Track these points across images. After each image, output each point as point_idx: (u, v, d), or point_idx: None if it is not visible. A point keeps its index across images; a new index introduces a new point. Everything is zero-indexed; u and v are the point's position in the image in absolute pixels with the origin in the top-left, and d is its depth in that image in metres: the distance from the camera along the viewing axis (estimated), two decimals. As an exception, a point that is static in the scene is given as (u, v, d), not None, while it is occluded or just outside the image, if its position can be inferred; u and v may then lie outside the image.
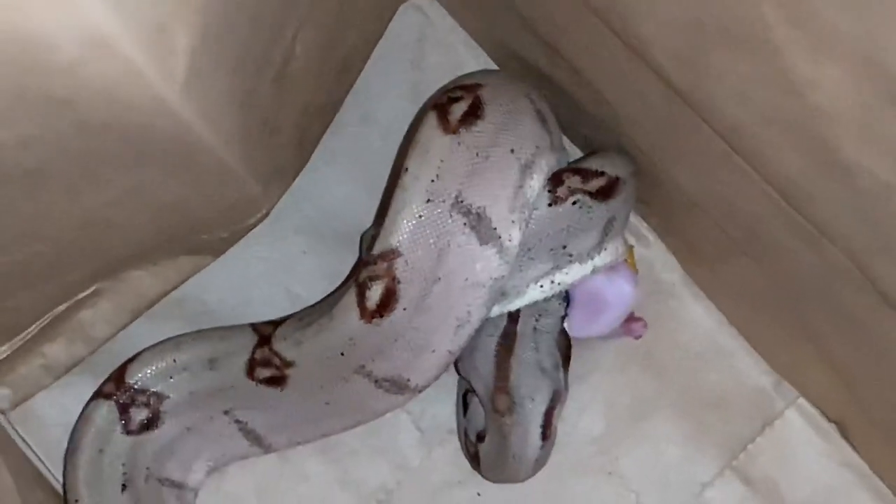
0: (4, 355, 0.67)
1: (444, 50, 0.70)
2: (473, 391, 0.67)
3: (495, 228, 0.58)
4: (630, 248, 0.68)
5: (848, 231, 0.51)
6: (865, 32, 0.40)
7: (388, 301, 0.58)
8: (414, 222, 0.57)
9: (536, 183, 0.60)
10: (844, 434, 0.69)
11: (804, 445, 0.69)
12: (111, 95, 0.43)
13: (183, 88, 0.45)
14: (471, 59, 0.70)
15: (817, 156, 0.47)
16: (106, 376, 0.67)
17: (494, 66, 0.72)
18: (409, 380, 0.62)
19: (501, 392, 0.64)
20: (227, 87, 0.48)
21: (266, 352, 0.63)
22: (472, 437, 0.67)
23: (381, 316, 0.58)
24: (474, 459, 0.67)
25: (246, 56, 0.48)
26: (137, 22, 0.40)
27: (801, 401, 0.69)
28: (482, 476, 0.67)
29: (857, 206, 0.48)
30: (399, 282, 0.58)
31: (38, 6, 0.37)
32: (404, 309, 0.58)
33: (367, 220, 0.69)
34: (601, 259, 0.64)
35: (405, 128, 0.68)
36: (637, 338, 0.69)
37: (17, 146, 0.45)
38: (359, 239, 0.69)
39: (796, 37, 0.41)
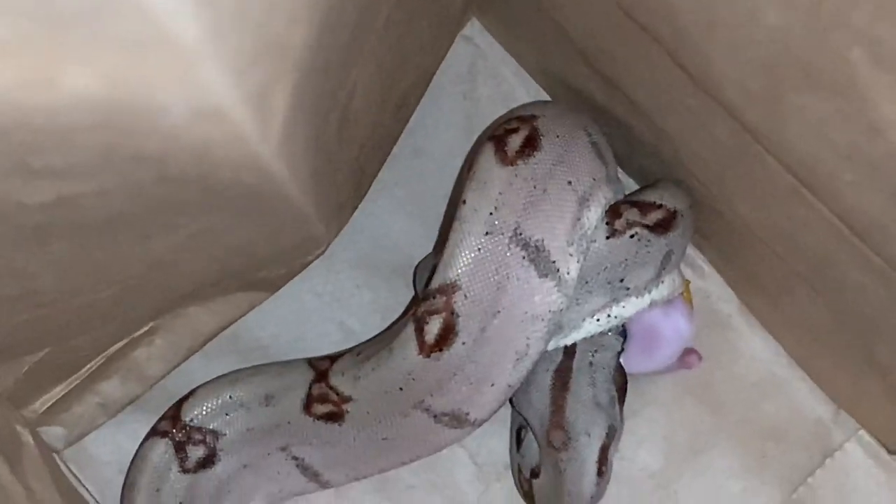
0: (60, 395, 0.67)
1: (495, 81, 0.71)
2: (528, 426, 0.67)
3: (554, 261, 0.59)
4: (686, 283, 0.68)
5: None
6: None
7: (447, 335, 0.58)
8: (473, 255, 0.57)
9: (594, 215, 0.60)
10: None
11: (865, 478, 0.69)
12: (205, 155, 0.44)
13: (277, 144, 0.45)
14: (522, 89, 0.70)
15: None
16: (160, 414, 0.68)
17: (546, 97, 0.72)
18: (468, 414, 0.63)
19: (557, 427, 0.64)
20: (305, 134, 0.48)
21: (323, 387, 0.64)
22: (526, 474, 0.67)
23: (441, 350, 0.58)
24: (528, 496, 0.68)
25: (320, 102, 0.49)
26: (246, 89, 0.41)
27: (862, 432, 0.69)
28: None
29: None
30: (458, 315, 0.58)
31: (161, 76, 0.38)
32: (463, 343, 0.58)
33: (421, 253, 0.69)
34: (658, 293, 0.64)
35: (458, 160, 0.68)
36: (690, 369, 0.70)
37: (95, 196, 0.45)
38: (412, 272, 0.69)
39: (882, 78, 0.42)
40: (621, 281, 0.62)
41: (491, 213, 0.58)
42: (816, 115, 0.47)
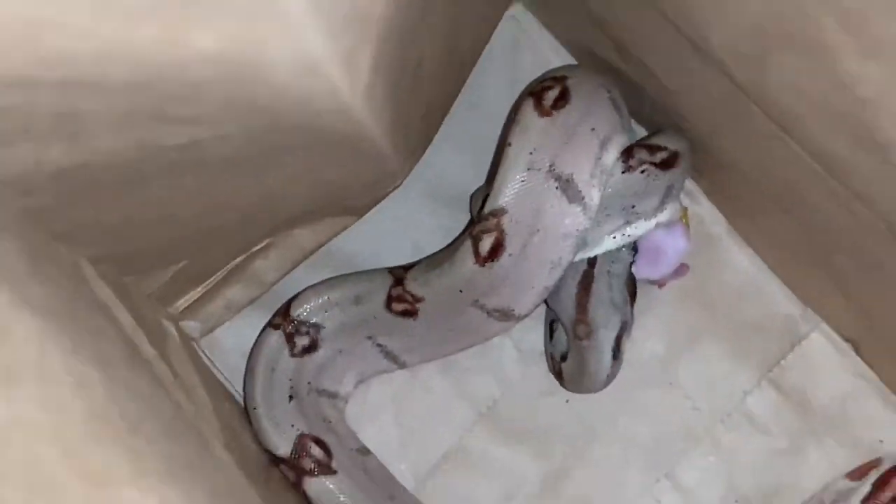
0: (197, 296, 0.71)
1: (533, 51, 0.72)
2: (559, 321, 0.69)
3: (580, 191, 0.61)
4: (685, 210, 0.69)
5: (880, 197, 0.52)
6: None
7: (497, 249, 0.61)
8: (517, 186, 0.60)
9: (612, 155, 0.63)
10: (858, 351, 0.70)
11: (825, 361, 0.71)
12: (306, 105, 0.45)
13: (363, 97, 0.47)
14: (556, 57, 0.72)
15: (860, 137, 0.48)
16: (274, 311, 0.70)
17: (574, 62, 0.73)
18: (513, 310, 0.65)
19: (581, 322, 0.67)
20: (384, 90, 0.49)
21: (400, 290, 0.67)
22: (557, 358, 0.70)
23: (492, 261, 0.61)
24: (559, 376, 0.70)
25: (395, 64, 0.49)
26: (339, 48, 0.42)
27: (823, 325, 0.71)
28: (565, 388, 0.70)
29: (891, 177, 0.49)
30: (506, 234, 0.61)
31: (272, 39, 0.39)
32: (510, 255, 0.61)
33: (475, 185, 0.70)
34: (662, 217, 0.66)
35: (504, 112, 0.69)
36: (682, 277, 0.70)
37: (218, 140, 0.47)
38: (469, 199, 0.71)
39: (849, 41, 0.43)
40: (633, 207, 0.65)
41: (531, 154, 0.60)
42: (794, 72, 0.49)
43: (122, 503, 0.41)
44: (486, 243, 0.62)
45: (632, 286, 0.68)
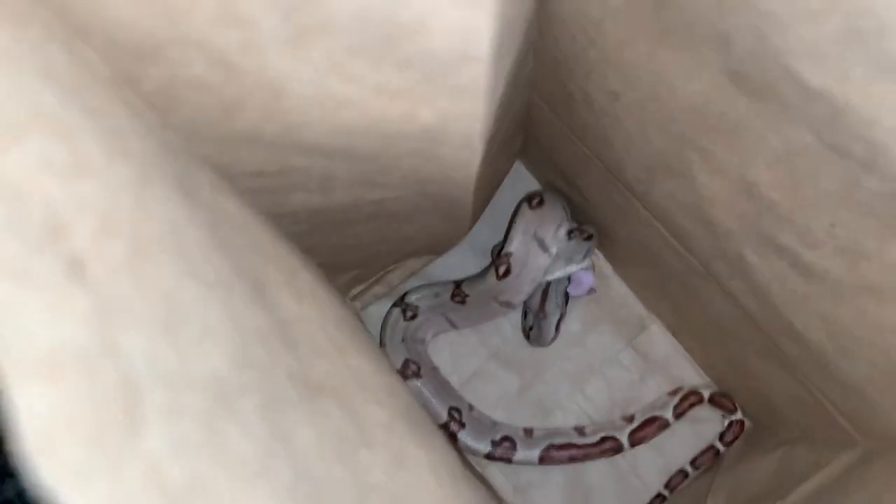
0: (357, 291, 0.82)
1: (522, 183, 0.84)
2: (530, 310, 0.81)
3: (548, 246, 0.75)
4: (593, 261, 0.81)
5: (698, 248, 0.54)
6: (740, 162, 0.39)
7: (507, 273, 0.74)
8: (518, 242, 0.74)
9: (562, 231, 0.75)
10: (675, 335, 0.83)
11: (659, 338, 0.86)
12: (451, 172, 0.39)
13: (480, 168, 0.41)
14: (533, 184, 0.84)
15: (699, 218, 0.50)
16: (395, 299, 0.82)
17: (540, 187, 0.83)
18: (512, 303, 0.77)
19: (541, 311, 0.81)
20: (484, 163, 0.42)
21: (458, 291, 0.79)
22: (527, 328, 0.81)
23: (504, 278, 0.74)
24: (527, 337, 0.81)
25: (495, 138, 0.41)
26: (486, 125, 0.34)
27: (658, 321, 0.84)
28: (530, 344, 0.82)
29: (714, 240, 0.50)
30: (512, 265, 0.74)
31: (460, 114, 0.31)
32: (513, 276, 0.74)
33: (493, 242, 0.83)
34: (583, 264, 0.79)
35: (508, 209, 0.81)
36: (592, 294, 0.81)
37: (392, 200, 0.44)
38: (490, 249, 0.83)
39: (704, 166, 0.43)
40: (570, 257, 0.79)
41: (525, 227, 0.74)
42: (670, 188, 0.49)
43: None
44: (502, 269, 0.76)
45: (566, 296, 0.81)
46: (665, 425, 0.84)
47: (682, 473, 0.84)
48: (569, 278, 0.83)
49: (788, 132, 0.34)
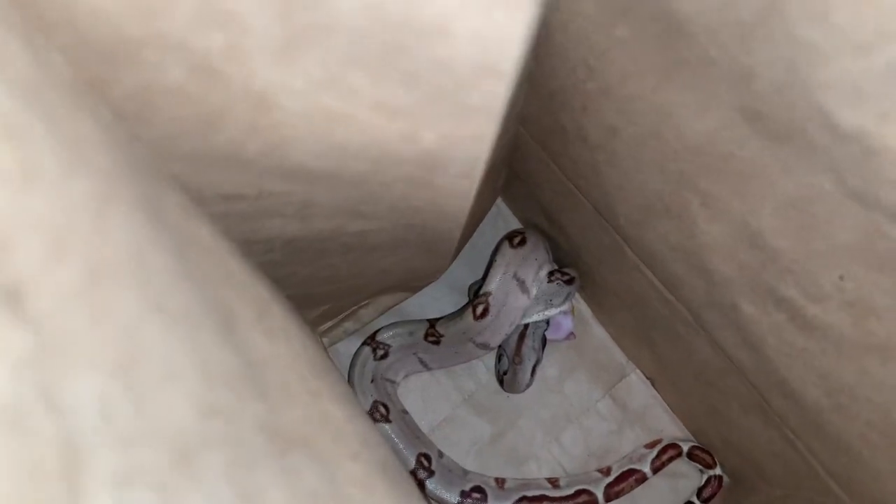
0: (327, 327, 0.79)
1: (504, 222, 0.83)
2: (505, 353, 0.78)
3: (528, 288, 0.73)
4: (573, 305, 0.79)
5: (694, 299, 0.53)
6: (745, 206, 0.38)
7: (485, 313, 0.72)
8: (497, 282, 0.71)
9: (543, 273, 0.74)
10: (654, 385, 0.82)
11: (637, 387, 0.84)
12: (444, 204, 0.37)
13: (475, 200, 0.38)
14: (514, 223, 0.83)
15: (694, 266, 0.48)
16: (366, 337, 0.79)
17: (521, 226, 0.82)
18: (489, 343, 0.75)
19: (517, 355, 0.79)
20: (477, 197, 0.39)
21: (433, 330, 0.77)
22: (501, 372, 0.79)
23: (482, 318, 0.72)
24: (501, 383, 0.79)
25: (486, 174, 0.38)
26: (485, 154, 0.31)
27: (637, 370, 0.82)
28: (504, 390, 0.80)
29: (708, 288, 0.49)
30: (490, 305, 0.72)
31: (466, 137, 0.29)
32: (491, 317, 0.71)
33: (470, 280, 0.81)
34: (563, 308, 0.77)
35: (491, 246, 0.80)
36: (571, 339, 0.80)
37: (374, 232, 0.42)
38: (467, 288, 0.82)
39: (702, 213, 0.42)
40: (550, 301, 0.77)
41: (505, 267, 0.72)
42: (664, 231, 0.48)
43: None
44: (479, 309, 0.73)
45: (544, 340, 0.79)
46: (642, 479, 0.82)
47: (659, 530, 0.73)
48: (547, 322, 0.81)
49: (804, 176, 0.32)
